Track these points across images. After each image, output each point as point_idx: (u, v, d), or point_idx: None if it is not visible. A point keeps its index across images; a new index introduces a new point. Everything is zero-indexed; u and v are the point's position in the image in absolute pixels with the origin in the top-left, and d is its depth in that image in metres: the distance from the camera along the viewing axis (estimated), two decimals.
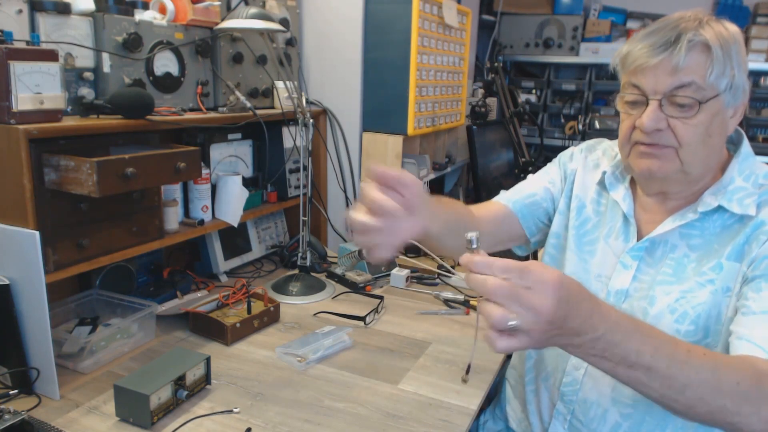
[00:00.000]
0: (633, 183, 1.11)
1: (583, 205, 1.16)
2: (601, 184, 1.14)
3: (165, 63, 1.44)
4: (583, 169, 1.19)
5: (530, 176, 1.29)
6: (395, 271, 1.78)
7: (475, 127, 2.32)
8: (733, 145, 1.05)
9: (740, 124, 1.02)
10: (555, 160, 1.26)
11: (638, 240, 1.05)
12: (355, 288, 1.71)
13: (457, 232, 0.98)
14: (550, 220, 1.22)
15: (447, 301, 1.64)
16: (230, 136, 1.72)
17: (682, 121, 0.93)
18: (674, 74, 0.91)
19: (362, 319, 1.47)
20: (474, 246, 0.69)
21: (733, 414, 0.74)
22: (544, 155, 3.45)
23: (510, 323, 0.63)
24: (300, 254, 1.73)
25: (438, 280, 1.80)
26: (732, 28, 0.94)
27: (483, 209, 1.22)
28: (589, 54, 3.28)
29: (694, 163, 0.96)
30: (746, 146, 1.03)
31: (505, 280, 0.64)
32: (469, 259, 0.67)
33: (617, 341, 0.69)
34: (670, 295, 0.98)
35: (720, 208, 0.97)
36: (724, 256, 0.95)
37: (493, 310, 0.64)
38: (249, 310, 1.44)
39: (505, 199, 1.24)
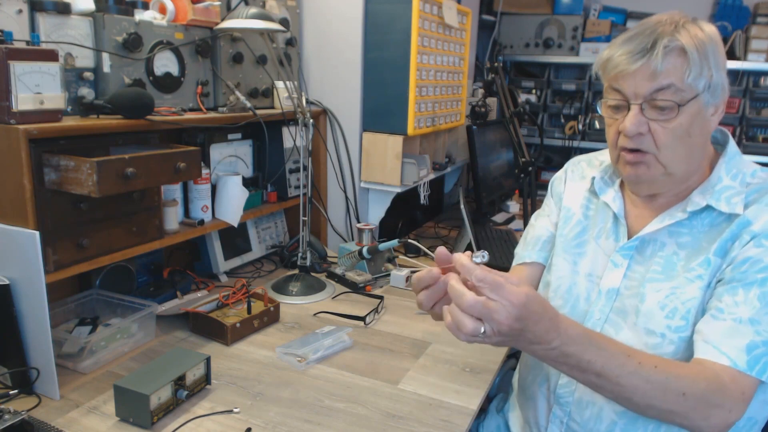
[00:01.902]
0: (623, 184, 1.13)
1: (572, 213, 1.19)
2: (591, 190, 1.17)
3: (165, 63, 1.44)
4: (571, 181, 1.24)
5: (534, 218, 1.30)
6: (395, 271, 1.78)
7: (475, 127, 2.32)
8: (720, 145, 1.07)
9: (739, 124, 1.04)
10: (548, 191, 1.29)
11: (629, 239, 1.08)
12: (355, 288, 1.71)
13: None
14: None
15: None
16: (230, 136, 1.72)
17: (662, 125, 0.96)
18: (653, 79, 0.94)
19: (362, 319, 1.47)
20: (477, 262, 0.79)
21: (682, 418, 0.86)
22: (544, 155, 3.45)
23: (480, 332, 0.77)
24: (300, 254, 1.73)
25: None
26: (708, 29, 0.96)
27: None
28: (589, 54, 3.27)
29: (676, 163, 0.99)
30: (732, 146, 1.06)
31: (478, 291, 0.76)
32: (458, 259, 0.79)
33: (571, 352, 0.82)
34: (660, 292, 1.00)
35: (708, 207, 1.00)
36: (712, 252, 0.98)
37: (467, 323, 0.76)
38: (249, 310, 1.44)
39: (535, 256, 1.24)
